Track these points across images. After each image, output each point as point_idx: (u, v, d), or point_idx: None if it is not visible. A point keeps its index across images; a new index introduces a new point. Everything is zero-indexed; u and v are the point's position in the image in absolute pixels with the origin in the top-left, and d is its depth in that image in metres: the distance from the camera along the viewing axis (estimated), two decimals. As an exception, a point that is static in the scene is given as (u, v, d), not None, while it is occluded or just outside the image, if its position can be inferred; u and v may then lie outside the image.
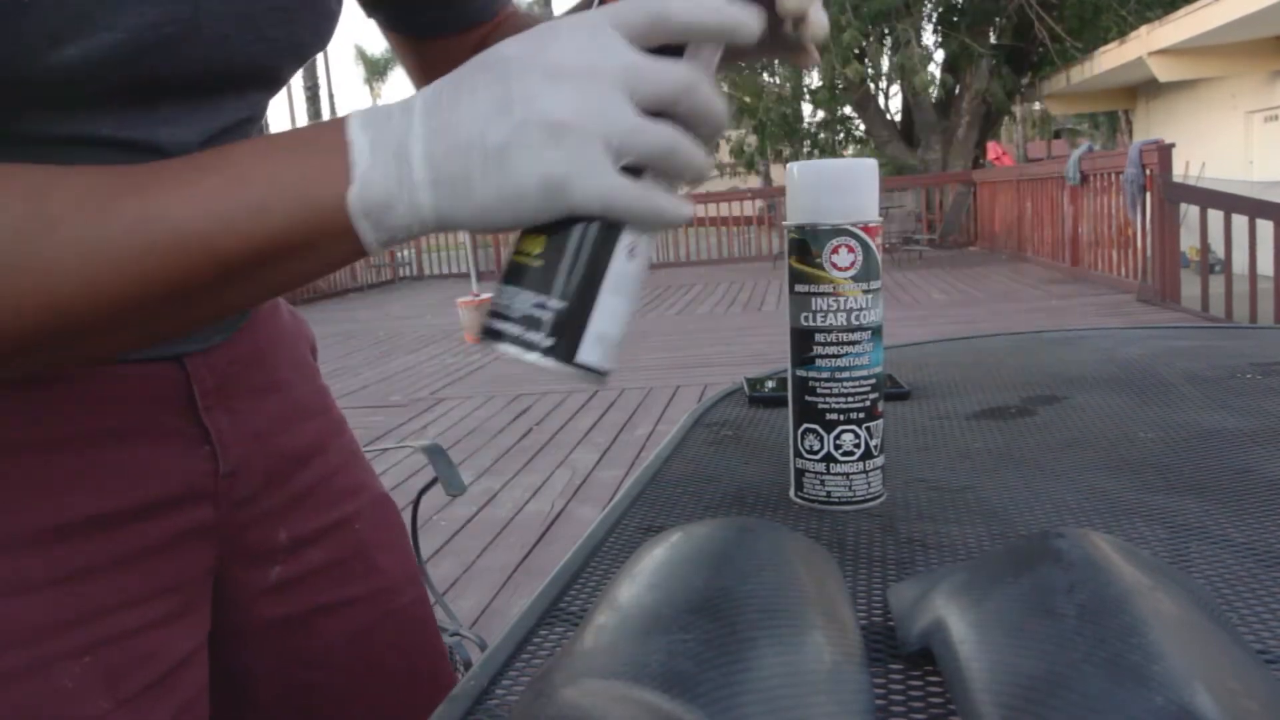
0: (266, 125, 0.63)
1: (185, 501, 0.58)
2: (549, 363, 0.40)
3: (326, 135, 0.41)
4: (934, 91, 14.15)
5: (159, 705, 0.56)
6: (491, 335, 0.41)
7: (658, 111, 0.41)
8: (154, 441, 0.56)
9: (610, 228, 0.41)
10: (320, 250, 0.42)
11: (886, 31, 13.90)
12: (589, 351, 0.40)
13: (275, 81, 0.57)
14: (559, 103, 0.39)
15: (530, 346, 0.40)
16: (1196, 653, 0.34)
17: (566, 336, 0.40)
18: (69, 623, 0.52)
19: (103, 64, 0.45)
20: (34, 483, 0.52)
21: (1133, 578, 0.39)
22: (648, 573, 0.43)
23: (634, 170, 0.40)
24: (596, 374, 0.41)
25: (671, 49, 0.42)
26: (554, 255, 0.40)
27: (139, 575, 0.56)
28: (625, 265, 0.41)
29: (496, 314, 0.41)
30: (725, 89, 15.44)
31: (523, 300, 0.40)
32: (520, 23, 0.74)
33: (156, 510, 0.57)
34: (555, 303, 0.40)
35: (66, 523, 0.52)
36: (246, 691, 0.67)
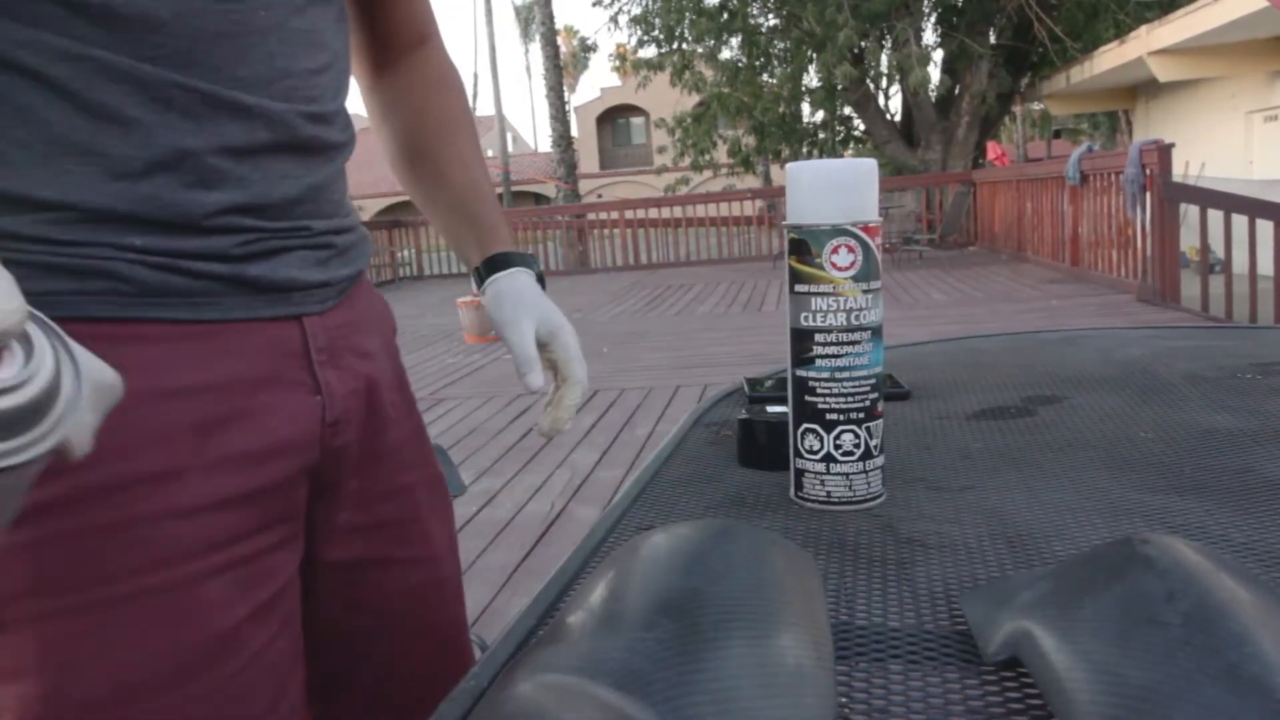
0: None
1: (304, 443, 0.66)
2: None
3: None
4: (934, 91, 14.10)
5: (274, 616, 0.64)
6: None
7: None
8: (285, 390, 0.65)
9: None
10: None
11: (885, 31, 13.87)
12: None
13: None
14: None
15: None
16: None
17: None
18: (215, 545, 0.60)
19: None
20: (192, 423, 0.59)
21: (1230, 584, 0.39)
22: (621, 572, 0.43)
23: None
24: None
25: None
26: None
27: (266, 506, 0.64)
28: None
29: None
30: (725, 89, 15.34)
31: None
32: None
33: (287, 449, 0.65)
34: None
35: (225, 456, 0.60)
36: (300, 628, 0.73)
